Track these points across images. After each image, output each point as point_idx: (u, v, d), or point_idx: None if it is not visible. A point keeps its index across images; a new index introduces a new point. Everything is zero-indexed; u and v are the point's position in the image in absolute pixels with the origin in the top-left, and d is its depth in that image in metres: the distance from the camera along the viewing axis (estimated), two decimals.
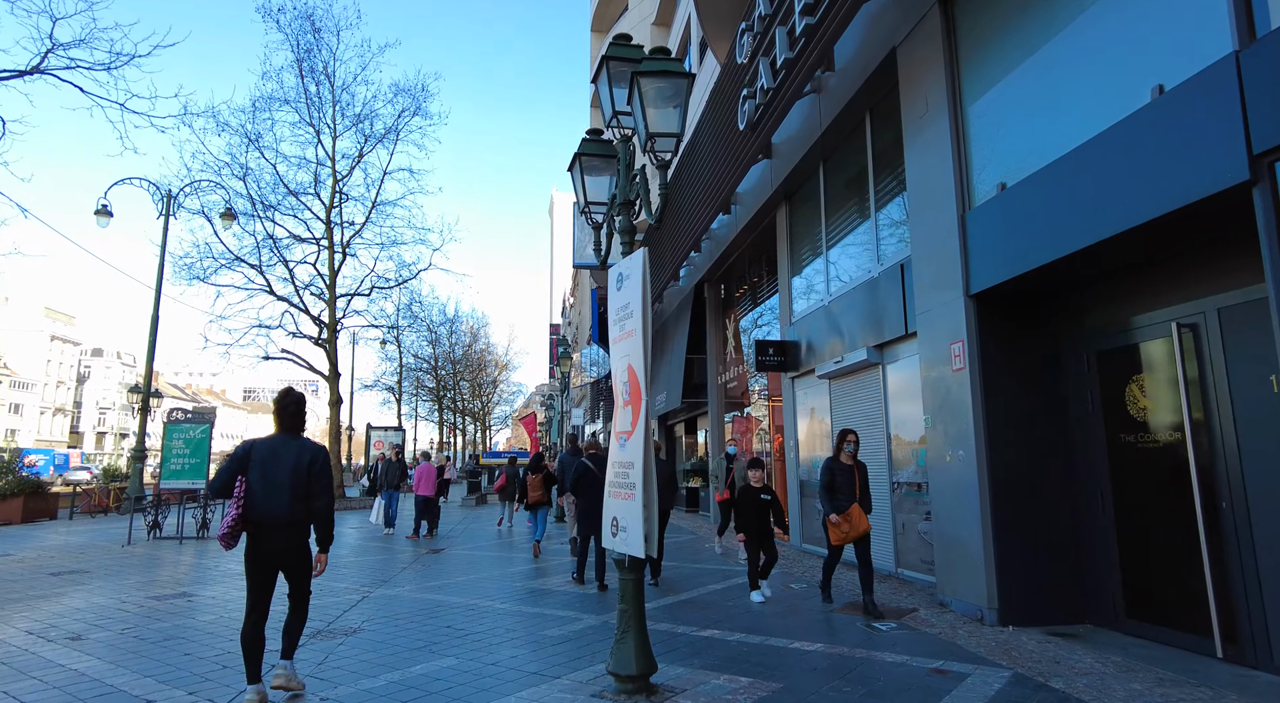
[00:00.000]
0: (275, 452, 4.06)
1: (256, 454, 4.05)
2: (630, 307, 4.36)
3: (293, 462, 4.05)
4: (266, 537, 4.00)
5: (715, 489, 9.18)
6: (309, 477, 4.05)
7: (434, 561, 10.17)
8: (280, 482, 3.99)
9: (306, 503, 4.04)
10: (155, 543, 12.38)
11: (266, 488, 3.97)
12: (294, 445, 4.13)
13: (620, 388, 4.46)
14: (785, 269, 11.16)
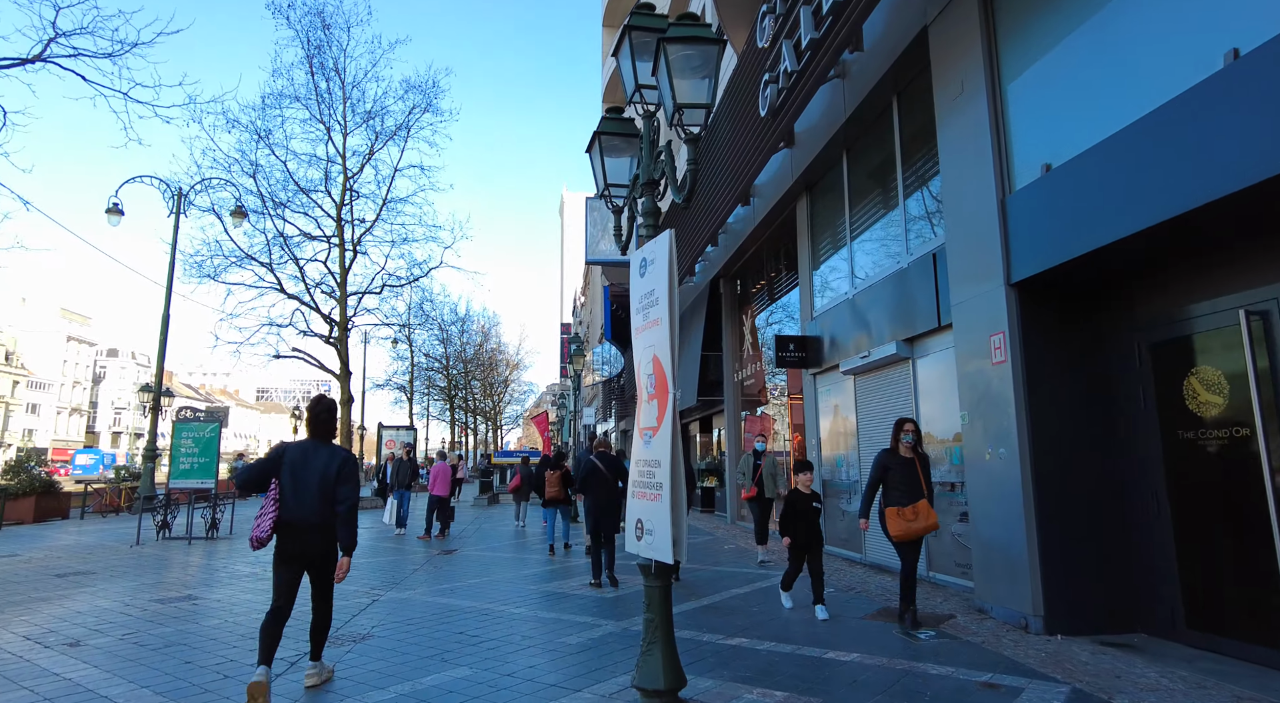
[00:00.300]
0: (306, 456, 4.25)
1: (288, 458, 4.25)
2: (655, 294, 4.05)
3: (321, 467, 4.24)
4: (295, 538, 4.19)
5: (741, 487, 8.88)
6: (336, 481, 4.22)
7: (446, 562, 9.91)
8: (309, 485, 4.18)
9: (333, 507, 4.22)
10: (164, 544, 12.21)
11: (296, 491, 4.17)
12: (324, 451, 4.32)
13: (645, 381, 4.16)
14: (806, 262, 10.81)
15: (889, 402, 8.34)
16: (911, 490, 5.61)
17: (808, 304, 10.72)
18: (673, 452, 3.78)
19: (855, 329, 9.01)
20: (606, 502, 7.91)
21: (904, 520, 5.55)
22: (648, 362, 4.13)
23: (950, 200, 6.65)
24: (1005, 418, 5.73)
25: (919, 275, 7.54)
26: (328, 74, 21.94)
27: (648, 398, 4.11)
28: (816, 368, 10.26)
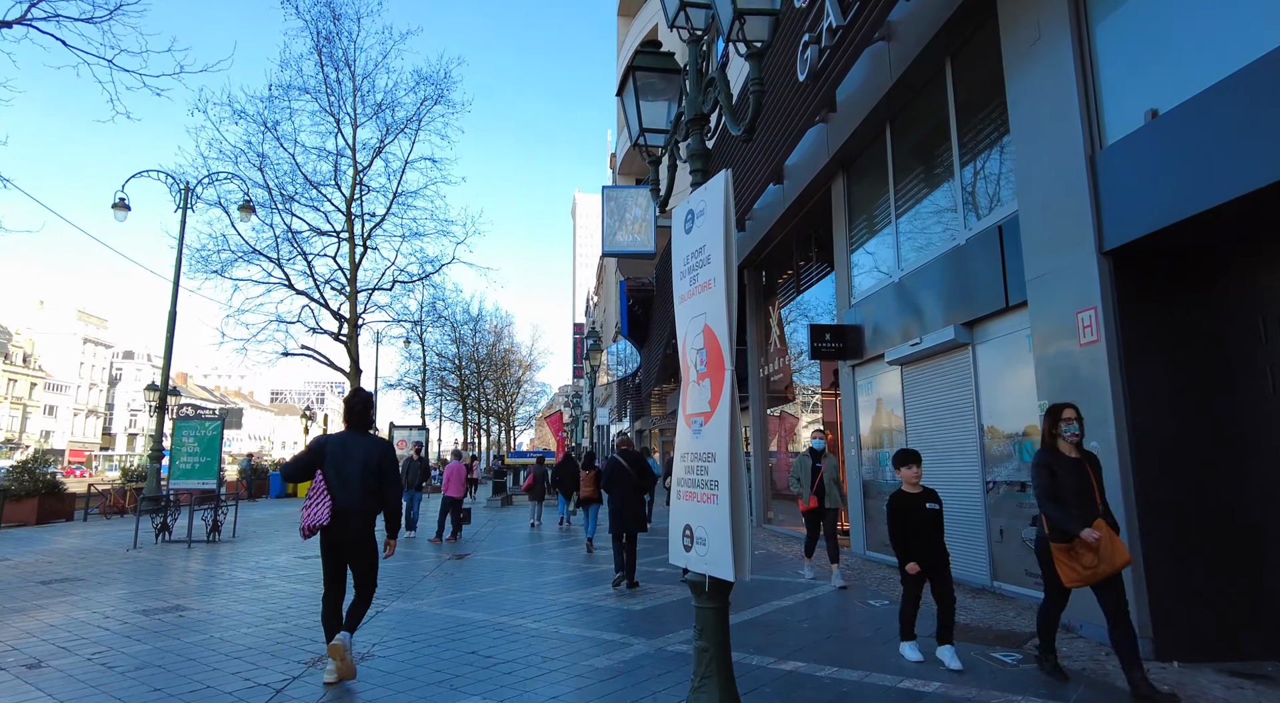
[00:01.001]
0: (346, 447, 4.42)
1: (329, 450, 4.40)
2: (706, 251, 3.33)
3: (362, 457, 4.40)
4: (339, 525, 4.30)
5: (798, 497, 7.69)
6: (379, 471, 4.42)
7: (458, 568, 9.23)
8: (351, 475, 4.35)
9: (376, 495, 4.42)
10: (162, 547, 11.63)
11: (340, 481, 4.34)
12: (363, 442, 4.48)
13: (693, 357, 3.44)
14: (843, 246, 10.04)
15: (944, 393, 7.57)
16: (1085, 504, 3.97)
17: (845, 291, 9.95)
18: (731, 442, 3.05)
19: (903, 315, 8.24)
20: (630, 501, 7.70)
21: (1082, 565, 3.92)
22: (696, 334, 3.41)
23: (1024, 163, 5.88)
24: (1097, 406, 4.96)
25: (980, 252, 6.77)
26: (337, 65, 21.42)
27: (696, 378, 3.38)
28: (856, 359, 9.49)
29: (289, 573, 8.89)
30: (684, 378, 3.54)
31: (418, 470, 13.34)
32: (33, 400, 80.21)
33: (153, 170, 18.66)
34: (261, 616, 6.35)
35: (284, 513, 20.09)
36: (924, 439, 7.88)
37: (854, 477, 9.57)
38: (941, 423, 7.61)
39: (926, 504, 4.73)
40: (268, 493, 28.02)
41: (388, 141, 22.10)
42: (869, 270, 9.47)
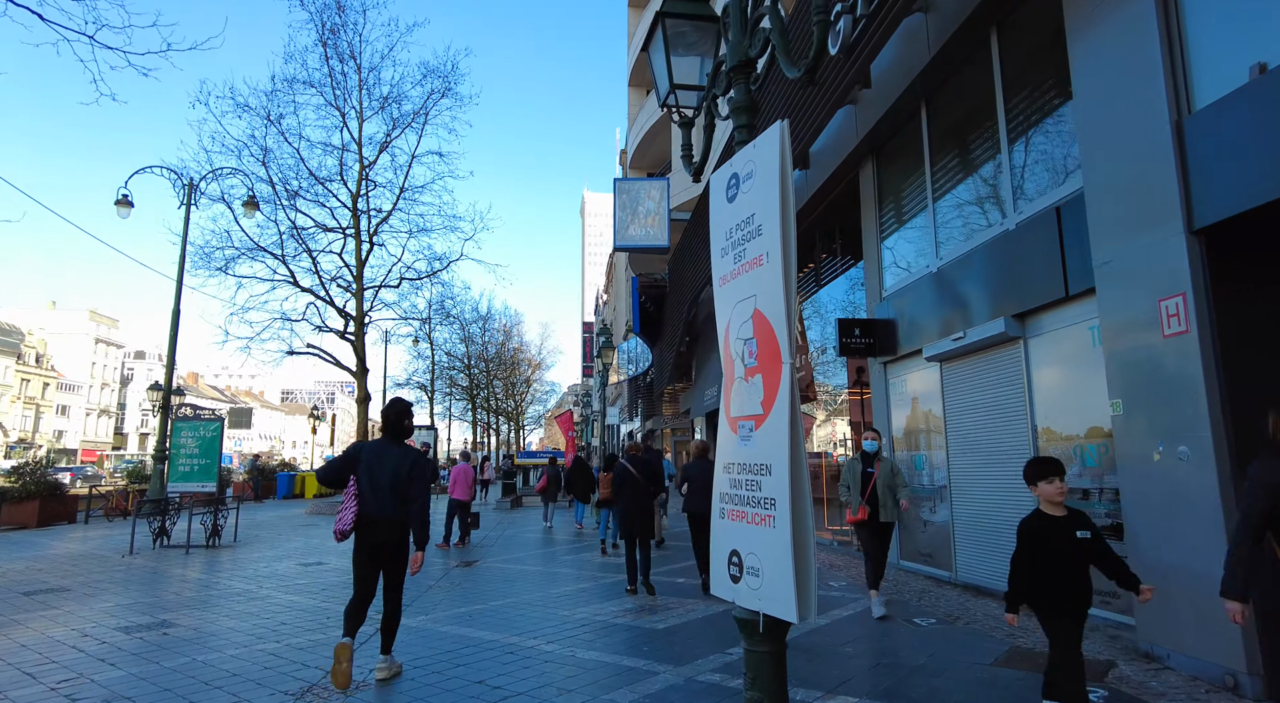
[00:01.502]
0: (380, 455, 4.51)
1: (364, 457, 4.51)
2: (756, 220, 2.77)
3: (394, 465, 4.49)
4: (373, 531, 4.42)
5: (846, 506, 6.75)
6: (408, 479, 4.49)
7: (466, 577, 8.71)
8: (383, 483, 4.43)
9: (407, 503, 4.48)
10: (160, 553, 11.18)
11: (373, 488, 4.43)
12: (396, 450, 4.58)
13: (738, 349, 2.88)
14: (872, 235, 9.45)
15: (990, 392, 6.97)
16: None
17: (874, 283, 9.36)
18: (792, 452, 2.50)
19: (942, 308, 7.64)
20: (636, 507, 7.55)
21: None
22: (743, 321, 2.85)
23: (1091, 135, 5.27)
24: (1188, 406, 4.36)
25: (1034, 236, 6.16)
26: (343, 58, 20.96)
27: (744, 374, 2.82)
28: (888, 356, 8.89)
29: (287, 582, 8.40)
30: (726, 375, 2.99)
31: None
32: (45, 400, 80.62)
33: (156, 166, 18.29)
34: (252, 634, 5.85)
35: (289, 516, 19.68)
36: (966, 441, 7.29)
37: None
38: (986, 424, 7.01)
39: (1076, 532, 3.53)
40: (275, 494, 27.67)
41: (394, 136, 21.66)
42: (902, 261, 8.87)
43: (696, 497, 7.64)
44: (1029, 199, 6.45)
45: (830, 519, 12.20)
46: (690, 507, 7.81)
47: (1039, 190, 6.33)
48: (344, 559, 10.49)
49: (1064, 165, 5.99)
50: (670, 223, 17.00)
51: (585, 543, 12.27)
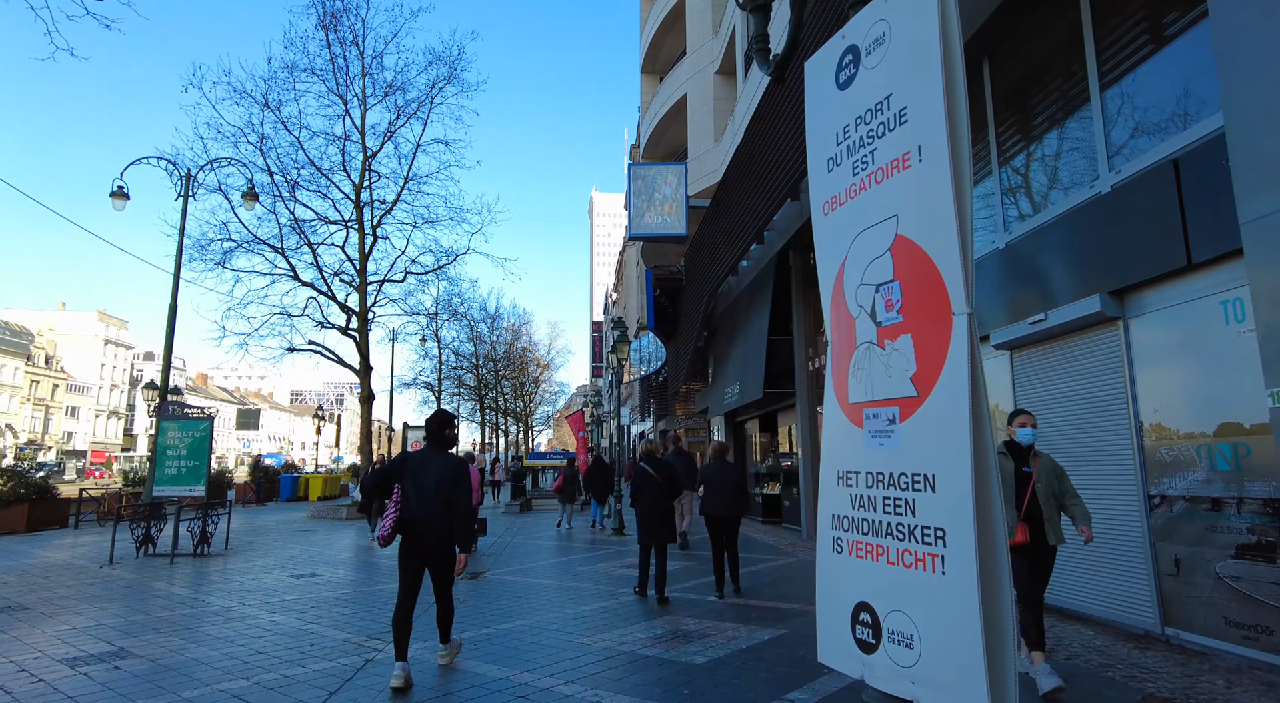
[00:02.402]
0: (424, 463, 4.66)
1: (409, 465, 4.67)
2: (896, 103, 1.87)
3: (437, 472, 4.63)
4: (418, 536, 4.59)
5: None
6: (451, 485, 4.62)
7: (472, 592, 7.81)
8: (428, 489, 4.60)
9: (449, 508, 4.61)
10: (142, 563, 10.34)
11: (418, 494, 4.59)
12: (439, 458, 4.71)
13: (864, 299, 1.96)
14: None
15: (1077, 382, 6.01)
16: None
17: None
18: (978, 454, 1.57)
19: (1013, 288, 6.69)
20: (657, 512, 7.22)
21: None
22: (872, 259, 1.94)
23: (1240, 59, 4.31)
24: None
25: (1140, 198, 5.21)
26: (344, 43, 20.17)
27: (878, 336, 1.90)
28: None
29: (273, 598, 7.53)
30: (838, 343, 2.07)
31: None
32: (55, 402, 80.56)
33: (152, 157, 17.53)
34: (219, 667, 4.97)
35: (289, 520, 18.87)
36: (1047, 441, 6.31)
37: None
38: (1073, 419, 6.05)
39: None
40: (278, 497, 26.92)
41: (398, 126, 20.85)
42: None
43: (715, 499, 7.35)
44: (1130, 156, 5.49)
45: None
46: (708, 510, 7.41)
47: (1146, 144, 5.36)
48: (338, 570, 9.62)
49: (1181, 111, 5.03)
50: (689, 210, 16.08)
51: (603, 551, 11.36)
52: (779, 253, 13.18)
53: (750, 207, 12.38)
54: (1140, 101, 5.46)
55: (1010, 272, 6.75)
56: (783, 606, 6.79)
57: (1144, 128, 5.41)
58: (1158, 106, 5.28)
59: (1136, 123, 5.48)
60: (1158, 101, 5.28)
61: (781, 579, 8.36)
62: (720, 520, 7.42)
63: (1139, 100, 5.47)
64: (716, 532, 7.44)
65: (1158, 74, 5.29)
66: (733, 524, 7.49)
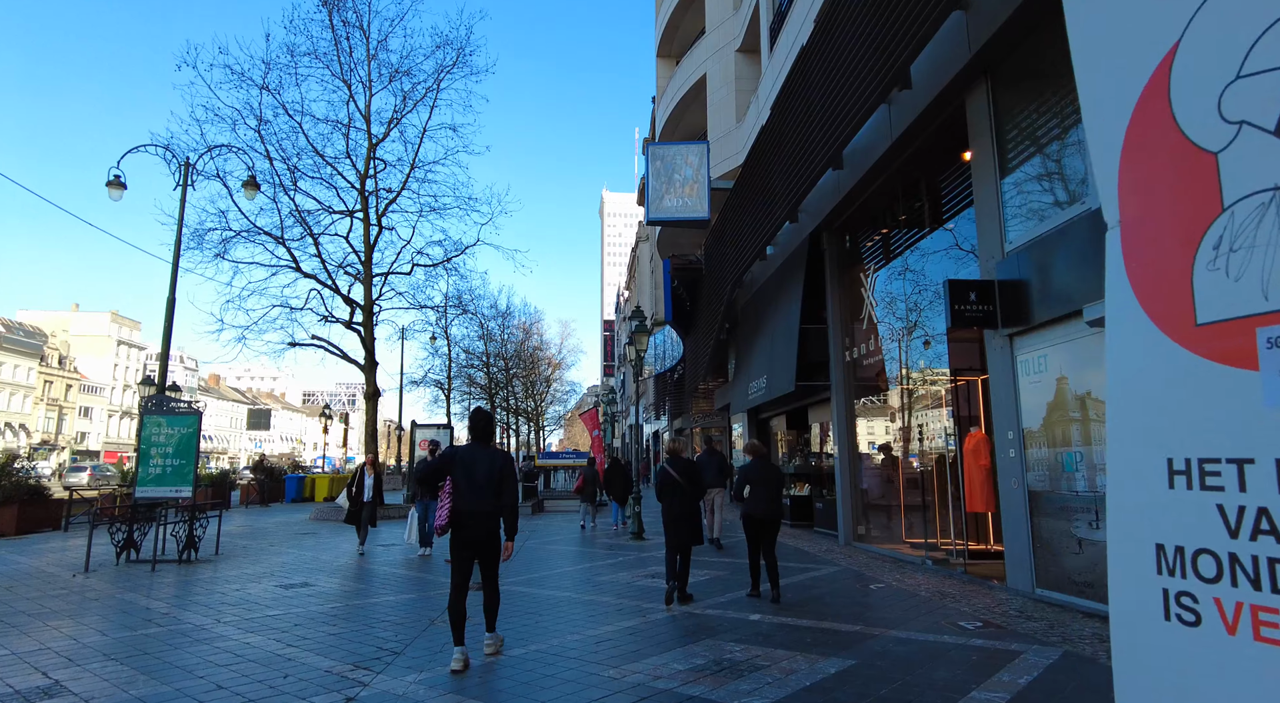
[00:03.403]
0: (474, 457, 4.99)
1: (459, 459, 4.98)
2: None
3: (487, 465, 4.96)
4: (469, 525, 4.87)
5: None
6: (500, 478, 4.95)
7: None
8: (479, 481, 4.90)
9: (499, 498, 4.93)
10: (121, 571, 9.50)
11: (470, 486, 4.88)
12: (486, 452, 5.06)
13: (1245, 108, 0.98)
14: (988, 176, 7.48)
15: None
16: None
17: (993, 237, 7.39)
18: None
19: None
20: (684, 511, 7.09)
21: None
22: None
23: None
24: None
25: None
26: (348, 24, 19.36)
27: None
28: (1016, 326, 6.93)
29: (254, 614, 6.63)
30: (1143, 211, 1.10)
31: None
32: (69, 402, 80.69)
33: (149, 145, 16.78)
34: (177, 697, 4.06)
35: (291, 522, 18.06)
36: None
37: (1012, 488, 7.00)
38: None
39: None
40: (283, 497, 26.17)
41: (405, 112, 20.02)
42: (1036, 204, 6.90)
43: (759, 501, 7.13)
44: None
45: (911, 529, 10.24)
46: (751, 510, 7.17)
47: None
48: (333, 580, 8.72)
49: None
50: (711, 192, 15.10)
51: (622, 557, 10.40)
52: (810, 235, 12.17)
53: (782, 183, 11.39)
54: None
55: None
56: (840, 627, 5.80)
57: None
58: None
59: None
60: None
61: (828, 593, 7.37)
62: (761, 522, 7.16)
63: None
64: (756, 534, 7.20)
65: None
66: (773, 527, 7.22)
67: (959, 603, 6.67)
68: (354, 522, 10.87)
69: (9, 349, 71.48)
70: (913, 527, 10.29)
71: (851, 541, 11.31)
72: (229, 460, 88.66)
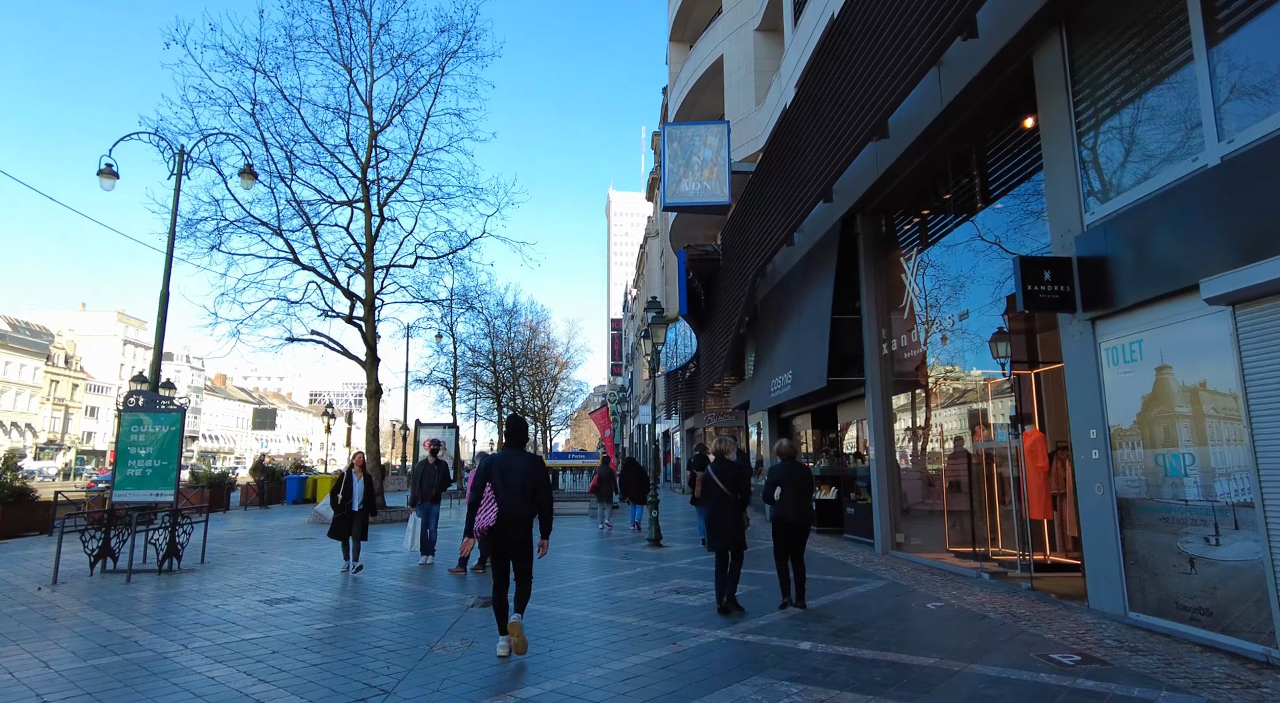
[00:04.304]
0: (510, 462, 5.27)
1: (496, 465, 5.24)
2: None
3: (523, 469, 5.24)
4: (506, 526, 5.10)
5: None
6: (535, 482, 5.24)
7: (486, 627, 6.00)
8: (515, 485, 5.16)
9: (534, 500, 5.22)
10: (95, 582, 8.68)
11: (507, 489, 5.14)
12: (522, 457, 5.35)
13: None
14: (1064, 139, 6.57)
15: None
16: None
17: (1070, 207, 6.48)
18: None
19: (1240, 219, 4.75)
20: (726, 516, 6.69)
21: None
22: None
23: None
24: None
25: None
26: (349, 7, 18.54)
27: None
28: (1101, 308, 6.01)
29: (227, 638, 5.79)
30: None
31: (434, 477, 10.19)
32: (74, 402, 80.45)
33: (142, 132, 16.01)
34: None
35: (289, 525, 17.25)
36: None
37: (1095, 495, 6.08)
38: None
39: None
40: (284, 498, 25.42)
41: (408, 99, 19.20)
42: (1126, 168, 5.98)
43: (789, 503, 6.82)
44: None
45: (956, 537, 9.35)
46: (781, 514, 6.86)
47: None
48: (324, 593, 7.87)
49: None
50: (732, 175, 14.19)
51: (641, 568, 9.52)
52: (842, 218, 11.27)
53: (816, 159, 10.49)
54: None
55: (1231, 199, 4.82)
56: (911, 660, 4.91)
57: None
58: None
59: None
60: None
61: (882, 613, 6.47)
62: (791, 527, 6.86)
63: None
64: (785, 539, 6.89)
65: None
66: (803, 532, 6.92)
67: (1038, 627, 5.77)
68: (339, 536, 9.14)
69: (14, 348, 71.23)
70: (959, 530, 9.40)
71: (890, 549, 10.40)
72: (235, 460, 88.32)
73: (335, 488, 9.29)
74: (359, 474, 9.42)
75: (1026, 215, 7.76)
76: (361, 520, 9.22)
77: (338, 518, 9.15)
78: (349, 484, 9.29)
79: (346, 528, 9.14)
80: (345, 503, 9.17)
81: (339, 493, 9.21)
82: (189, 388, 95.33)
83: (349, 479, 9.34)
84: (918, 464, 10.45)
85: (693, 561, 10.13)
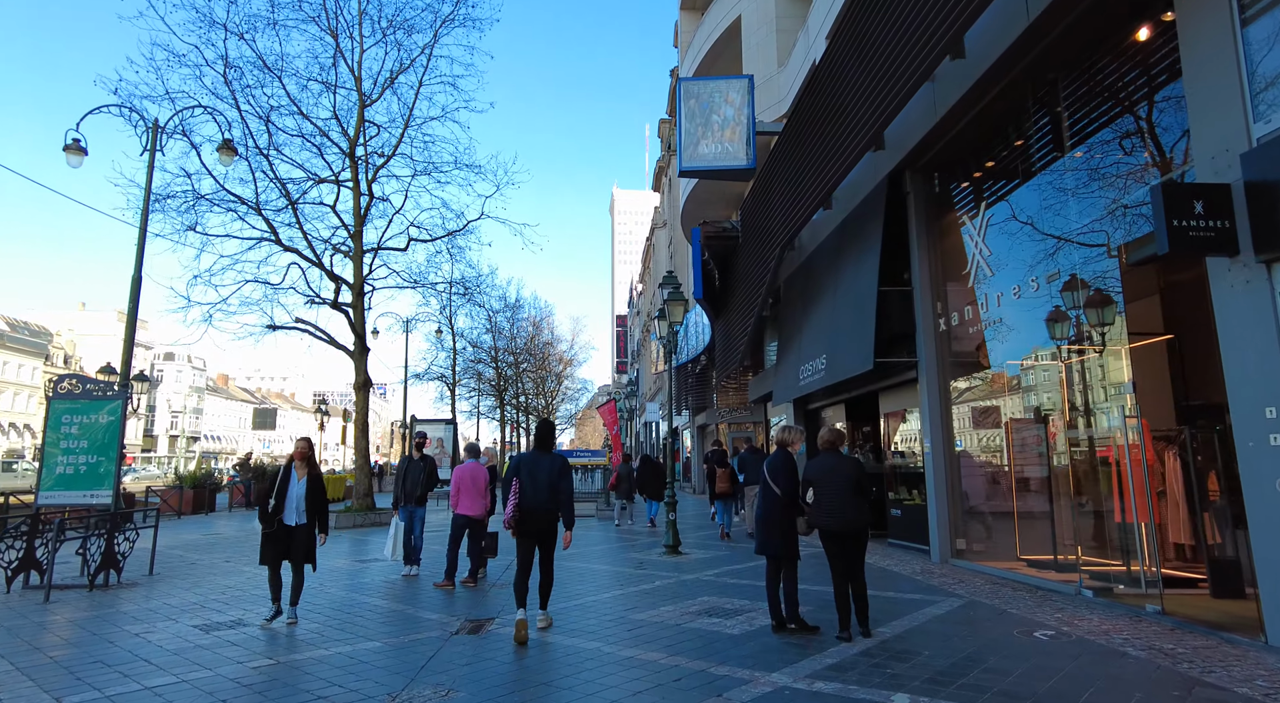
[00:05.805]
0: (536, 461, 5.78)
1: (524, 464, 5.76)
2: None
3: (547, 468, 5.75)
4: (532, 520, 5.63)
5: None
6: (559, 477, 5.73)
7: (472, 663, 4.54)
8: (540, 482, 5.65)
9: (557, 497, 5.69)
10: (8, 601, 7.27)
11: (533, 486, 5.65)
12: (547, 458, 5.83)
13: None
14: (1221, 24, 5.08)
15: None
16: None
17: (1229, 120, 4.99)
18: None
19: None
20: (778, 516, 5.63)
21: None
22: None
23: None
24: None
25: None
26: None
27: None
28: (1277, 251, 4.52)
29: (126, 688, 4.35)
30: None
31: (419, 475, 8.75)
32: None
33: (111, 105, 14.59)
34: None
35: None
36: None
37: (1269, 493, 4.60)
38: None
39: None
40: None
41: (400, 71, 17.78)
42: None
43: (824, 506, 5.38)
44: None
45: (1028, 544, 7.90)
46: (818, 520, 5.45)
47: None
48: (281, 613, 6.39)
49: None
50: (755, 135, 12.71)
51: (660, 582, 8.06)
52: (889, 176, 9.79)
53: (863, 99, 8.98)
54: None
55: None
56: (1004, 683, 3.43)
57: None
58: None
59: None
60: None
61: (979, 648, 4.98)
62: (836, 534, 5.39)
63: None
64: (835, 550, 5.44)
65: None
66: (854, 540, 5.41)
67: (1214, 674, 4.28)
68: (269, 562, 6.14)
69: (14, 348, 70.25)
70: (1030, 537, 7.95)
71: (950, 557, 8.91)
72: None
73: (265, 491, 6.19)
74: (301, 471, 6.27)
75: (1132, 157, 6.27)
76: (304, 540, 6.13)
77: (267, 536, 6.09)
78: (284, 484, 6.16)
79: (279, 552, 6.12)
80: (276, 513, 6.09)
81: (269, 497, 6.11)
82: (190, 388, 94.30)
83: (286, 475, 6.22)
84: (982, 458, 8.98)
85: (717, 572, 8.68)
